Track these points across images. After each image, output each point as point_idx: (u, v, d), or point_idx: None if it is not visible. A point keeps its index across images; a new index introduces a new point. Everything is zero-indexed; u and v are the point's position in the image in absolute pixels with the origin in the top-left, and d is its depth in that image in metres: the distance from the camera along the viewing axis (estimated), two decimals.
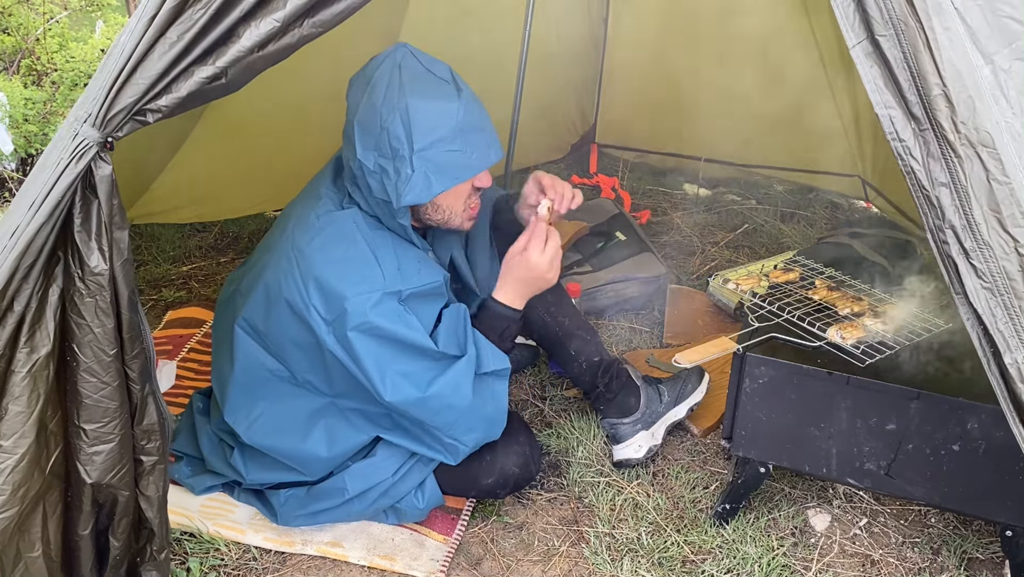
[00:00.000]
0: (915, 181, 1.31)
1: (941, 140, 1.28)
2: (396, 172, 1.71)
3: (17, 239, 1.29)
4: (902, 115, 1.30)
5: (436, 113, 1.70)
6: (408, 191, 1.71)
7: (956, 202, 1.29)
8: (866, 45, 1.29)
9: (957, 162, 1.28)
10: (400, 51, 1.75)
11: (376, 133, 1.71)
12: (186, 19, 1.26)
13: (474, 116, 1.74)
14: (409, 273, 1.81)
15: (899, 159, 1.31)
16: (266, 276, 1.84)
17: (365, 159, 1.72)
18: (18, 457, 1.37)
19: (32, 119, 3.62)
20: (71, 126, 1.30)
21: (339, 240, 1.79)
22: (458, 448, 1.88)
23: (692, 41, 3.63)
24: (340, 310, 1.74)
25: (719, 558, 1.95)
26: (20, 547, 1.42)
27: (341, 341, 1.76)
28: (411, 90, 1.69)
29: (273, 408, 1.90)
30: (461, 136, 1.72)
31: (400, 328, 1.76)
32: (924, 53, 1.26)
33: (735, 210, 3.72)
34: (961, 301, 1.33)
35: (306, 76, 2.62)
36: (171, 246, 3.18)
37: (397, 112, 1.68)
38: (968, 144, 1.27)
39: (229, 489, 2.06)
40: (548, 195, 1.98)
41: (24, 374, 1.35)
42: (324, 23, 1.30)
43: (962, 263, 1.31)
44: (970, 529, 2.06)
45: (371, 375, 1.76)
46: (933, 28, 1.26)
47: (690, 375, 2.29)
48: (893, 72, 1.28)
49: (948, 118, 1.27)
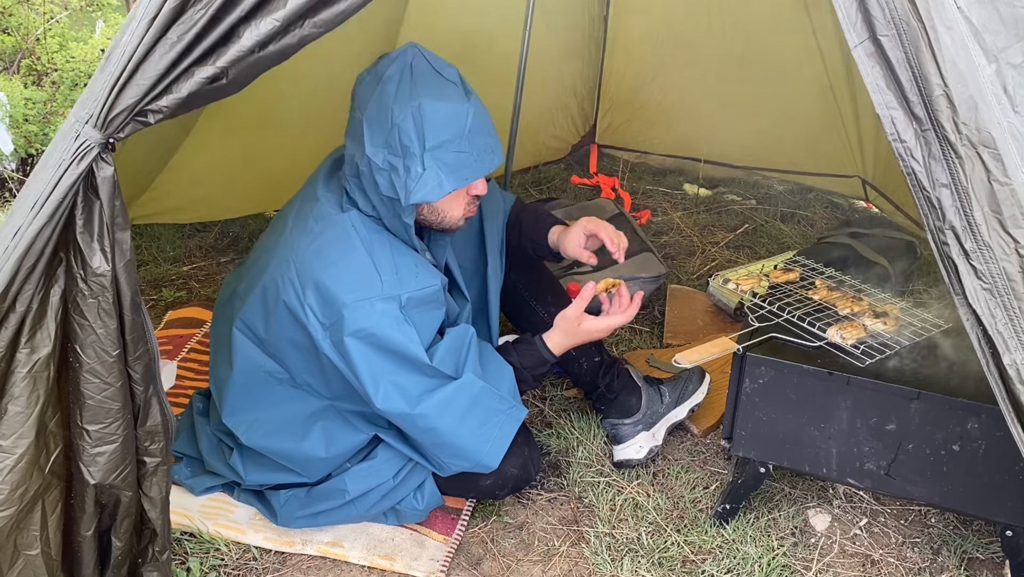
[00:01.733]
0: (916, 182, 1.31)
1: (942, 141, 1.28)
2: (406, 169, 1.70)
3: (19, 240, 1.29)
4: (904, 116, 1.29)
5: (447, 114, 1.70)
6: (418, 189, 1.71)
7: (957, 203, 1.29)
8: (868, 45, 1.28)
9: (958, 163, 1.28)
10: (411, 51, 1.75)
11: (387, 130, 1.70)
12: (187, 19, 1.25)
13: (481, 119, 1.75)
14: (407, 277, 1.80)
15: (900, 160, 1.31)
16: (264, 279, 1.83)
17: (374, 156, 1.72)
18: (16, 457, 1.37)
19: (32, 119, 3.62)
20: (72, 127, 1.30)
21: (336, 244, 1.78)
22: (442, 467, 1.89)
23: (693, 40, 3.63)
24: (337, 316, 1.74)
25: (719, 558, 1.95)
26: (18, 545, 1.42)
27: (337, 346, 1.75)
28: (423, 89, 1.70)
29: (272, 410, 1.89)
30: (470, 138, 1.73)
31: (396, 337, 1.75)
32: (926, 53, 1.26)
33: (735, 210, 3.72)
34: (960, 302, 1.33)
35: (306, 76, 2.63)
36: (171, 246, 3.18)
37: (409, 110, 1.68)
38: (969, 145, 1.27)
39: (229, 489, 2.06)
40: (607, 245, 2.05)
41: (24, 374, 1.35)
42: (325, 23, 1.30)
43: (962, 264, 1.30)
44: (970, 529, 2.06)
45: (365, 382, 1.75)
46: (935, 28, 1.25)
47: (691, 376, 2.29)
48: (895, 72, 1.28)
49: (949, 119, 1.27)
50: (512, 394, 1.91)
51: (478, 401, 1.83)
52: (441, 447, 1.84)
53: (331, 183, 1.90)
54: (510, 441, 1.89)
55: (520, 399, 1.93)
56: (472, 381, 1.83)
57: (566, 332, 1.99)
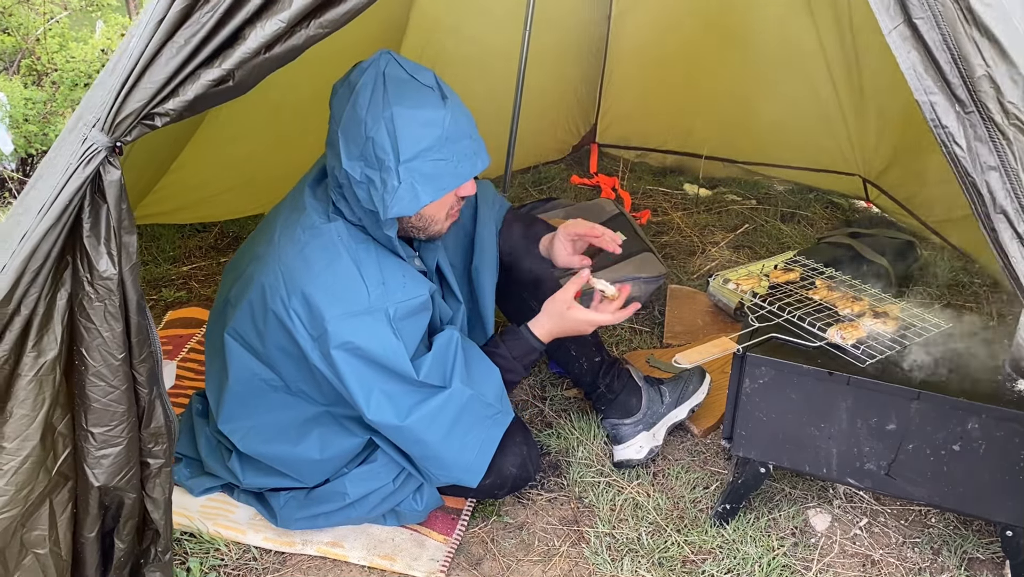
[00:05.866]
0: (960, 168, 1.26)
1: (988, 122, 1.23)
2: (383, 183, 1.68)
3: (25, 243, 1.29)
4: (944, 100, 1.25)
5: (422, 122, 1.67)
6: (395, 203, 1.68)
7: (1007, 185, 1.24)
8: (903, 29, 1.24)
9: (1005, 144, 1.23)
10: (384, 58, 1.72)
11: (361, 143, 1.68)
12: (194, 22, 1.25)
13: (460, 124, 1.72)
14: (394, 288, 1.79)
15: (942, 147, 1.26)
16: (254, 288, 1.81)
17: (351, 169, 1.70)
18: (21, 459, 1.37)
19: (32, 119, 3.62)
20: (79, 131, 1.30)
21: (322, 254, 1.77)
22: (430, 477, 1.90)
23: (694, 39, 3.64)
24: (322, 328, 1.73)
25: (719, 558, 1.95)
26: (25, 542, 1.43)
27: (326, 358, 1.75)
28: (396, 98, 1.66)
29: (268, 417, 1.89)
30: (448, 145, 1.69)
31: (381, 350, 1.74)
32: (964, 34, 1.21)
33: (735, 210, 3.73)
34: (1017, 288, 1.27)
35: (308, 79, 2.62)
36: (171, 246, 3.18)
37: (382, 121, 1.65)
38: (1018, 125, 1.22)
39: (229, 490, 2.06)
40: (595, 243, 2.06)
41: (31, 377, 1.35)
42: (330, 23, 1.29)
43: (1015, 249, 1.25)
44: (970, 529, 2.06)
45: (355, 393, 1.75)
46: (972, 6, 1.21)
47: (692, 376, 2.29)
48: (933, 55, 1.23)
49: (994, 99, 1.22)
50: (499, 398, 1.91)
51: (466, 410, 1.83)
52: (429, 459, 1.85)
53: (318, 191, 1.88)
54: (496, 445, 1.89)
55: (508, 402, 1.93)
56: (460, 391, 1.82)
57: (553, 315, 1.96)
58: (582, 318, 1.96)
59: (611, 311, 1.98)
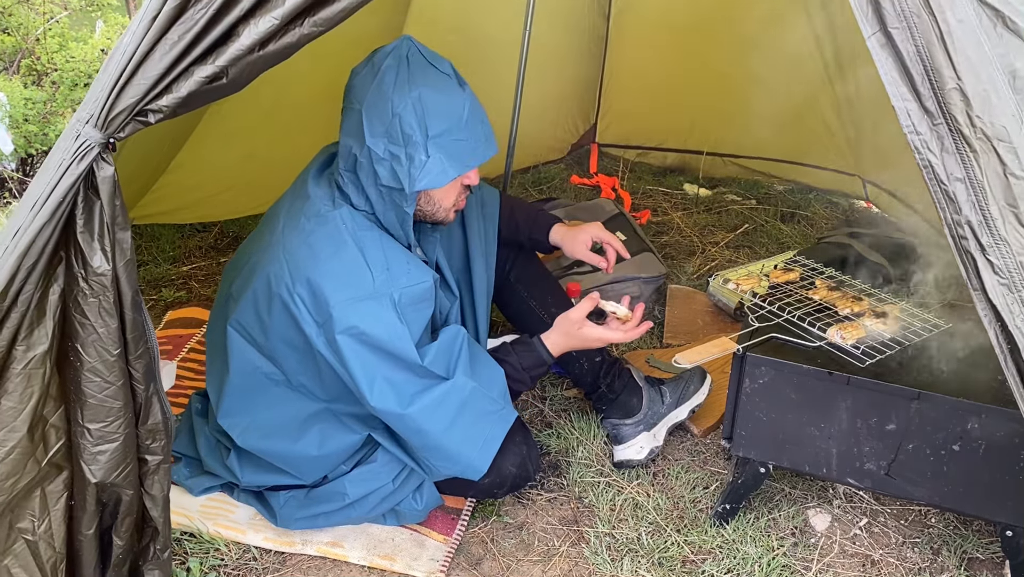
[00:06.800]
0: (932, 175, 1.28)
1: (956, 134, 1.25)
2: (409, 158, 1.72)
3: (19, 239, 1.29)
4: (917, 108, 1.27)
5: (446, 103, 1.73)
6: (423, 176, 1.73)
7: (972, 197, 1.26)
8: (880, 37, 1.26)
9: (972, 157, 1.25)
10: (405, 43, 1.77)
11: (387, 120, 1.72)
12: (187, 19, 1.25)
13: (477, 109, 1.79)
14: (398, 274, 1.80)
15: (916, 152, 1.28)
16: (258, 278, 1.82)
17: (374, 146, 1.73)
18: (7, 450, 1.38)
19: (32, 119, 3.62)
20: (73, 127, 1.30)
21: (328, 241, 1.79)
22: (431, 470, 1.89)
23: (694, 38, 3.63)
24: (327, 314, 1.74)
25: (719, 558, 1.95)
26: (14, 526, 1.44)
27: (330, 344, 1.76)
28: (421, 80, 1.72)
29: (268, 413, 1.89)
30: (468, 127, 1.76)
31: (386, 335, 1.75)
32: (938, 46, 1.23)
33: (735, 210, 3.72)
34: (979, 297, 1.30)
35: (307, 78, 2.62)
36: (171, 246, 3.18)
37: (409, 100, 1.70)
38: (984, 138, 1.24)
39: (229, 490, 2.06)
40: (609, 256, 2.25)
41: (19, 371, 1.36)
42: (324, 21, 1.29)
43: (980, 259, 1.28)
44: (970, 529, 2.06)
45: (359, 380, 1.76)
46: (947, 20, 1.22)
47: (692, 376, 2.29)
48: (906, 66, 1.25)
49: (963, 112, 1.24)
50: (502, 396, 1.91)
51: (468, 403, 1.83)
52: (430, 449, 1.84)
53: (321, 180, 1.90)
54: (499, 443, 1.89)
55: (511, 401, 1.93)
56: (463, 382, 1.83)
57: (565, 333, 2.00)
58: (594, 336, 1.99)
59: (624, 329, 2.01)
